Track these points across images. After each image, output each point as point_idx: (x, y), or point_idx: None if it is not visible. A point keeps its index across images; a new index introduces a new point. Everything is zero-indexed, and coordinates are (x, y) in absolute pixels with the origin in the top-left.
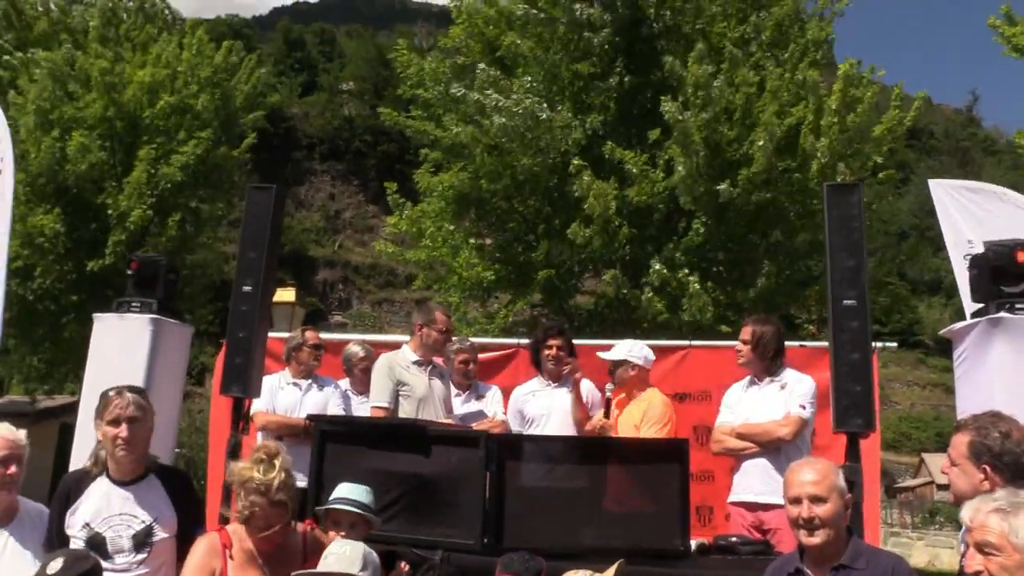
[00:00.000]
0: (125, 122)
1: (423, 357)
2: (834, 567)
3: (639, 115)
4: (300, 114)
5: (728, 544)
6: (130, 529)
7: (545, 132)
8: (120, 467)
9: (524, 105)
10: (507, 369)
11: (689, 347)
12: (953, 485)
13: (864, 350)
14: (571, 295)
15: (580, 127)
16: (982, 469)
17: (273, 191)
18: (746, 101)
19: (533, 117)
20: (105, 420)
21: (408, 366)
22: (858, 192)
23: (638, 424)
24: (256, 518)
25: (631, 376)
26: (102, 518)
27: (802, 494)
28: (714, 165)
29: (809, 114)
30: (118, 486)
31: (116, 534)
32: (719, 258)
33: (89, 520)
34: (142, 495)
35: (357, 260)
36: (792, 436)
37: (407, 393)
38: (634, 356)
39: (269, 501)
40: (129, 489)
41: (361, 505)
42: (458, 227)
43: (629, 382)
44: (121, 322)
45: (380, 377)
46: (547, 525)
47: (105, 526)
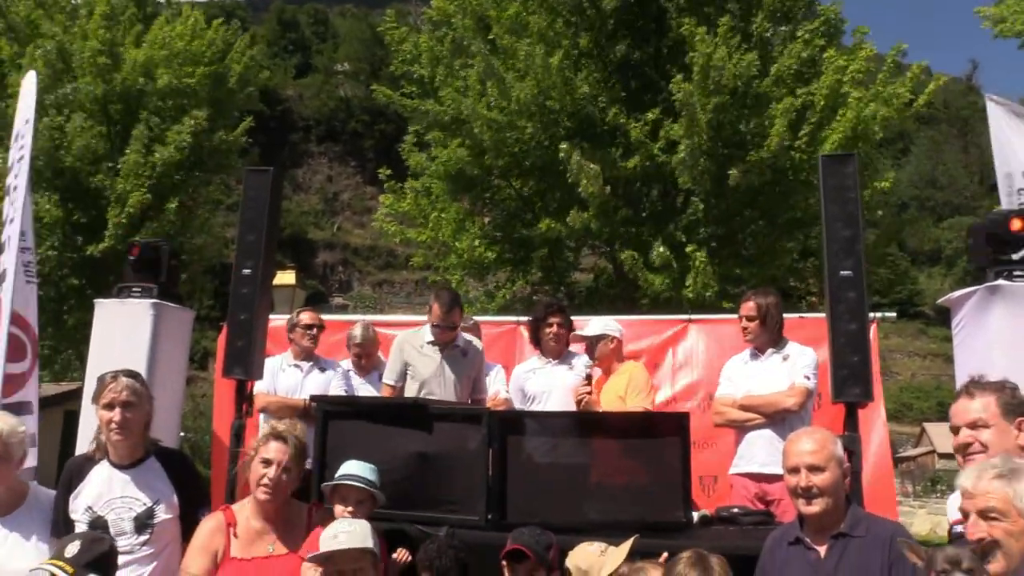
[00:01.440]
0: (121, 103)
1: (436, 339)
2: (833, 535)
3: (638, 89)
4: (295, 96)
5: (730, 515)
6: (131, 512)
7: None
8: (118, 450)
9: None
10: (506, 346)
11: (688, 320)
12: (993, 447)
13: (861, 320)
14: (570, 273)
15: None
16: (1017, 424)
17: (271, 173)
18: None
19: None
20: (100, 404)
21: (421, 346)
22: (853, 163)
23: (623, 395)
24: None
25: (611, 349)
26: (104, 501)
27: (800, 463)
28: (718, 147)
29: (821, 97)
30: (119, 469)
31: (118, 517)
32: (718, 233)
33: (91, 504)
34: (142, 478)
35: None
36: (798, 407)
37: (412, 374)
38: (611, 329)
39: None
40: (129, 472)
41: (367, 481)
42: (459, 207)
43: (609, 355)
44: (122, 307)
45: (392, 356)
46: (550, 500)
47: (107, 509)
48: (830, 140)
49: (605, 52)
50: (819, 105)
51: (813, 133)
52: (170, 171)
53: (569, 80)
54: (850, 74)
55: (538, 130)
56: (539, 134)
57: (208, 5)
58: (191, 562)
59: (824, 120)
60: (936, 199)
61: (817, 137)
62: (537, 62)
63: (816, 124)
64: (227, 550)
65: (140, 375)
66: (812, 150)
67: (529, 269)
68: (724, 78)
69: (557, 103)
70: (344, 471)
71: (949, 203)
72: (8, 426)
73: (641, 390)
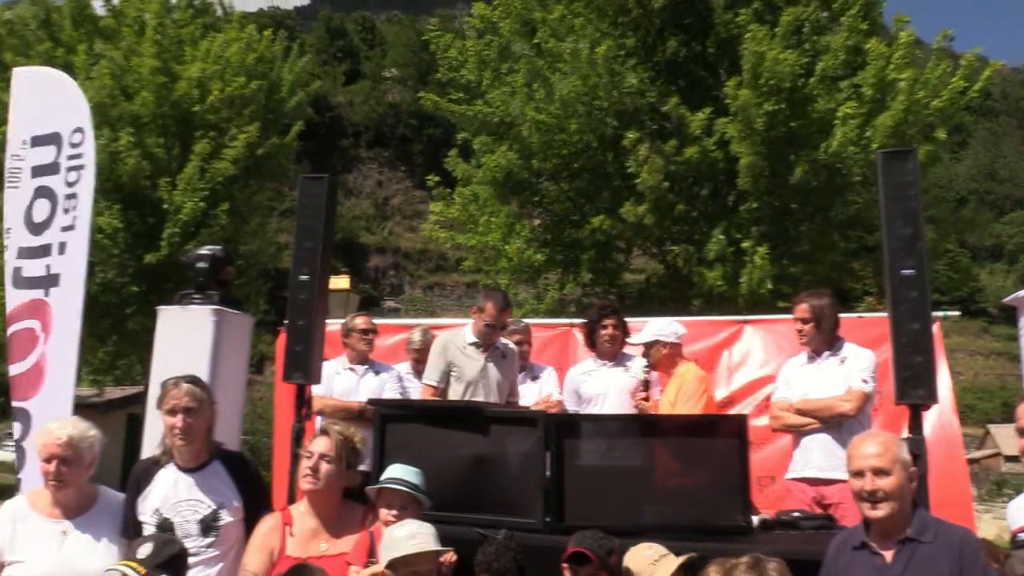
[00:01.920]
0: (178, 118)
1: (480, 340)
2: (900, 540)
3: (687, 87)
4: (345, 103)
5: (790, 519)
6: (197, 514)
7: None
8: (182, 455)
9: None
10: (559, 349)
11: (744, 322)
12: None
13: (924, 320)
14: (620, 274)
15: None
16: None
17: (326, 180)
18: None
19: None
20: (164, 410)
21: (464, 347)
22: (913, 158)
23: (673, 401)
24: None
25: (664, 355)
26: (170, 504)
27: (865, 467)
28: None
29: (868, 87)
30: (184, 473)
31: (184, 519)
32: (772, 231)
33: (158, 506)
34: (207, 481)
35: (407, 246)
36: (855, 411)
37: (457, 375)
38: (663, 334)
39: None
40: (194, 475)
41: (411, 485)
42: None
43: (663, 361)
44: (184, 314)
45: (434, 356)
46: (608, 503)
47: (173, 512)
48: (879, 127)
49: (652, 51)
50: (866, 96)
51: (861, 126)
52: (225, 183)
53: (616, 74)
54: (895, 62)
55: (585, 129)
56: (587, 134)
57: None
58: (250, 560)
59: (873, 112)
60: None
61: (866, 130)
62: (582, 58)
63: (865, 117)
64: (282, 548)
65: (201, 380)
66: (864, 145)
67: (579, 271)
68: (776, 79)
69: (604, 100)
70: (388, 475)
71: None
72: (78, 430)
73: (690, 396)
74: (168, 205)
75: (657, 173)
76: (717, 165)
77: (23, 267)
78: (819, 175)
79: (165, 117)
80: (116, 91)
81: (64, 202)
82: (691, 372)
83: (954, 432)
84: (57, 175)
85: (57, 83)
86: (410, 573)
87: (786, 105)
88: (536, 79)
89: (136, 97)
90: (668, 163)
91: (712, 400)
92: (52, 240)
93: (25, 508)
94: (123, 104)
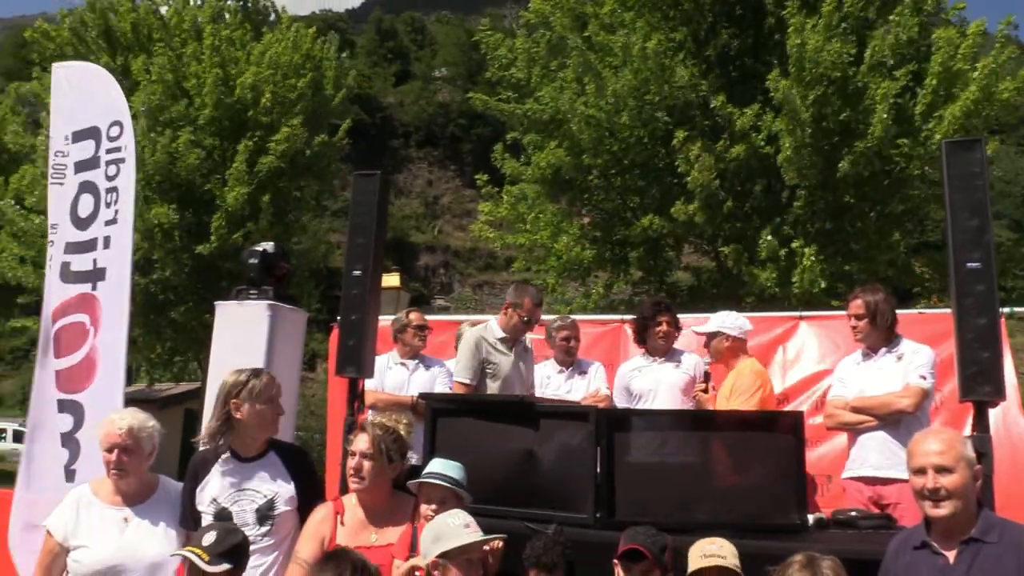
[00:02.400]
0: (232, 120)
1: (509, 336)
2: (964, 540)
3: (738, 80)
4: (395, 103)
5: (847, 518)
6: (253, 504)
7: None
8: (241, 444)
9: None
10: (610, 345)
11: (799, 318)
12: None
13: (991, 315)
14: (671, 271)
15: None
16: None
17: (378, 177)
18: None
19: (659, 65)
20: (260, 400)
21: (495, 343)
22: (980, 148)
23: (728, 396)
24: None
25: (725, 347)
26: (228, 494)
27: (927, 464)
28: (822, 140)
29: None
30: (242, 463)
31: (241, 508)
32: (826, 228)
33: (216, 496)
34: (264, 471)
35: (457, 244)
36: (914, 407)
37: (492, 372)
38: (727, 327)
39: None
40: (251, 465)
41: (450, 480)
42: (556, 208)
43: (724, 353)
44: (241, 309)
45: (467, 353)
46: (659, 499)
47: (230, 501)
48: (947, 117)
49: (703, 45)
50: (929, 87)
51: (922, 119)
52: (272, 179)
53: (667, 68)
54: (963, 51)
55: (637, 125)
56: (638, 129)
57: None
58: (302, 547)
59: (936, 103)
60: None
61: (926, 123)
62: (634, 52)
63: (926, 108)
64: (333, 537)
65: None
66: (924, 137)
67: (628, 269)
68: (821, 68)
69: (656, 94)
70: (429, 469)
71: None
72: (138, 421)
73: (744, 391)
74: (220, 200)
75: (708, 172)
76: (768, 161)
77: (71, 262)
78: (871, 165)
79: (220, 120)
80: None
81: (105, 196)
82: (748, 367)
83: (1021, 432)
84: (98, 169)
85: (93, 77)
86: (464, 561)
87: (836, 95)
88: (587, 73)
89: (195, 99)
90: (718, 161)
91: (771, 396)
92: (97, 234)
93: (88, 496)
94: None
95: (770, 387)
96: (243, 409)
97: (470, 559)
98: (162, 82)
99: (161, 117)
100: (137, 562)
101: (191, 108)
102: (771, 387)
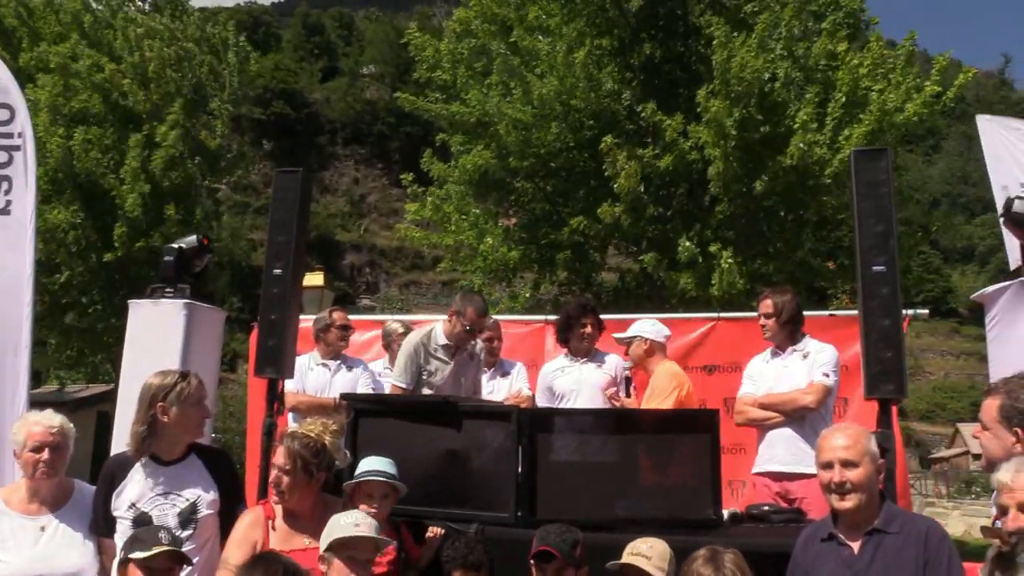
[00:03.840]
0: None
1: (452, 343)
2: (867, 531)
3: (663, 88)
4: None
5: (760, 513)
6: (175, 508)
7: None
8: (164, 447)
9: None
10: (533, 345)
11: (717, 319)
12: (985, 449)
13: (894, 316)
14: (596, 273)
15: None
16: (1014, 432)
17: (300, 174)
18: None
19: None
20: (188, 403)
21: (436, 350)
22: (886, 158)
23: (648, 398)
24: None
25: (643, 351)
26: (148, 497)
27: (834, 459)
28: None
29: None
30: (161, 466)
31: (162, 512)
32: (745, 232)
33: (135, 500)
34: (184, 474)
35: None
36: (817, 404)
37: (428, 378)
38: (644, 332)
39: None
40: (173, 469)
41: (389, 475)
42: (482, 209)
43: (642, 358)
44: (156, 308)
45: (404, 358)
46: (580, 497)
47: (151, 505)
48: (855, 136)
49: (628, 53)
50: (839, 102)
51: (835, 132)
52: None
53: (593, 77)
54: (867, 68)
55: (564, 130)
56: (565, 134)
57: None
58: (231, 553)
59: (845, 118)
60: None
61: (839, 135)
62: (559, 59)
63: (837, 122)
64: (266, 543)
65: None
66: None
67: (555, 270)
68: (744, 85)
69: (581, 101)
70: (365, 468)
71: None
72: (63, 419)
73: (661, 392)
74: (118, 199)
75: (633, 178)
76: (692, 167)
77: None
78: (787, 178)
79: (108, 115)
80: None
81: None
82: (665, 369)
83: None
84: None
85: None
86: (347, 557)
87: (756, 111)
88: (512, 77)
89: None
90: (644, 167)
91: (690, 396)
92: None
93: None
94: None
95: (688, 387)
96: (171, 412)
97: (353, 557)
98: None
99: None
100: (55, 572)
101: (81, 102)
102: (689, 387)
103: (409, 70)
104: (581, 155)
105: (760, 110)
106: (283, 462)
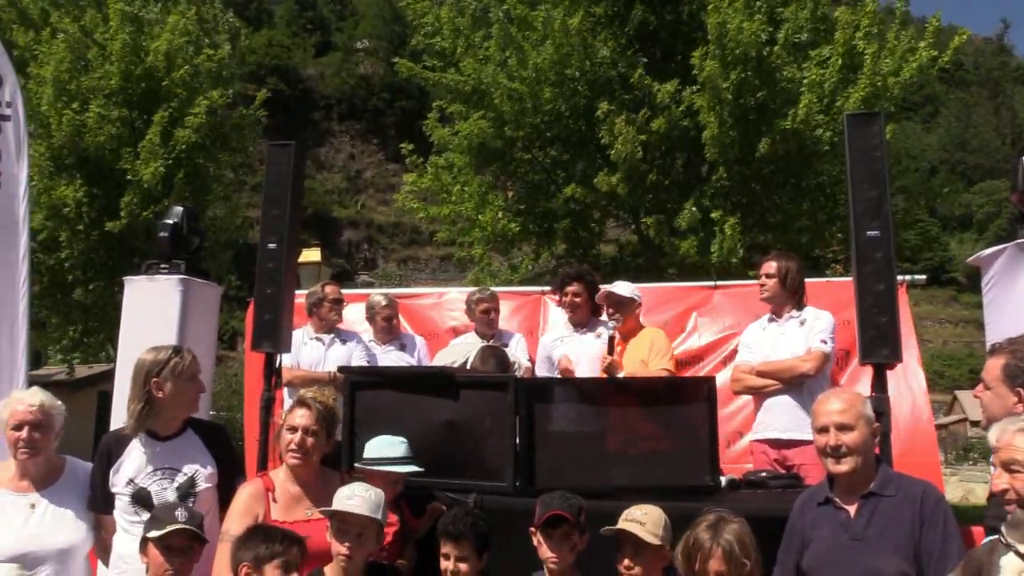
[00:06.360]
0: (143, 90)
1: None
2: (863, 495)
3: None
4: (316, 75)
5: (758, 479)
6: (173, 482)
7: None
8: (161, 423)
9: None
10: (529, 315)
11: (715, 287)
12: (986, 408)
13: (889, 281)
14: (594, 244)
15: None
16: (1015, 391)
17: (293, 148)
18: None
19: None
20: (183, 378)
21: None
22: (879, 121)
23: (645, 359)
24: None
25: (636, 313)
26: (146, 473)
27: (829, 423)
28: (741, 118)
29: (837, 56)
30: (158, 441)
31: (161, 488)
32: (744, 201)
33: (133, 476)
34: (182, 449)
35: (380, 219)
36: (815, 371)
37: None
38: (636, 295)
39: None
40: (170, 444)
41: (398, 461)
42: (480, 180)
43: (634, 319)
44: (151, 284)
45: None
46: (578, 466)
47: (149, 481)
48: (851, 101)
49: (623, 20)
50: (835, 66)
51: (831, 96)
52: (189, 151)
53: (588, 44)
54: (863, 30)
55: (559, 98)
56: (560, 102)
57: None
58: (232, 525)
59: (841, 82)
60: (967, 162)
61: (835, 100)
62: (555, 27)
63: (834, 86)
64: (267, 514)
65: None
66: (833, 113)
67: (553, 241)
68: (741, 48)
69: (577, 69)
70: (372, 453)
71: (980, 166)
72: (47, 397)
73: (664, 354)
74: (132, 175)
75: (630, 144)
76: (689, 135)
77: None
78: (788, 143)
79: (130, 91)
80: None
81: None
82: (659, 333)
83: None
84: None
85: None
86: (338, 529)
87: (753, 74)
88: (509, 46)
89: (98, 70)
90: (640, 133)
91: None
92: None
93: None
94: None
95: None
96: (165, 388)
97: (344, 529)
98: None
99: (70, 87)
100: (46, 549)
101: (96, 78)
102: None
103: (403, 44)
104: (577, 124)
105: (757, 74)
106: (311, 422)
